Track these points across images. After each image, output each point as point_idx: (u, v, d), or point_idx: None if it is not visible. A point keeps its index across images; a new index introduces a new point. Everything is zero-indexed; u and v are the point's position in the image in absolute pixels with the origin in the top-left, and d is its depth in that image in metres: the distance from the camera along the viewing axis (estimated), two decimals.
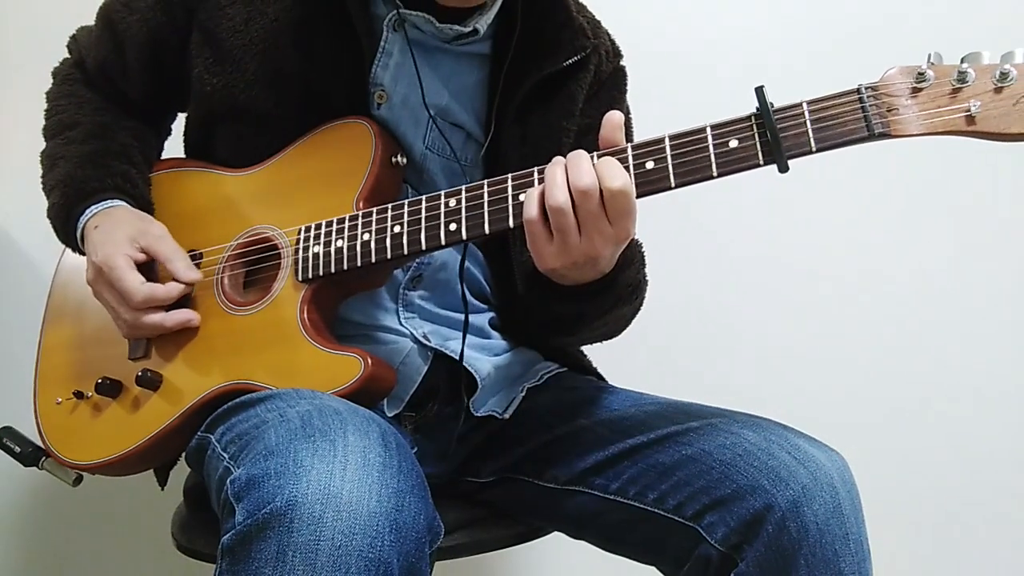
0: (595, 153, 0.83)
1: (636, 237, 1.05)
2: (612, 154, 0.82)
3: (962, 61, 0.75)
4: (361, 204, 0.94)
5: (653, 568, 0.96)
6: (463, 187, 0.88)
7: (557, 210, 0.80)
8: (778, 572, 0.81)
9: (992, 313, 1.62)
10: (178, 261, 0.97)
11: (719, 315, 1.64)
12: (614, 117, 0.84)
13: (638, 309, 1.04)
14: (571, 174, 0.80)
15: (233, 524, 0.68)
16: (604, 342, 1.10)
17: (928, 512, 1.64)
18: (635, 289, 0.99)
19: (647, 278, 1.03)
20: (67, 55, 1.16)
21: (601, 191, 0.79)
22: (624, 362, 1.04)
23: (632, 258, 0.96)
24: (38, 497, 1.61)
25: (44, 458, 1.03)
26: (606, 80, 1.08)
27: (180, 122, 1.14)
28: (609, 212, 0.80)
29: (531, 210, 0.81)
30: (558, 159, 0.83)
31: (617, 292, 0.93)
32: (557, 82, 1.02)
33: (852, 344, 1.64)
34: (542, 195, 0.81)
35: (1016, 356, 1.62)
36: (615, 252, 0.85)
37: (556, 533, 1.05)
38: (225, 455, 0.80)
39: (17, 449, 1.04)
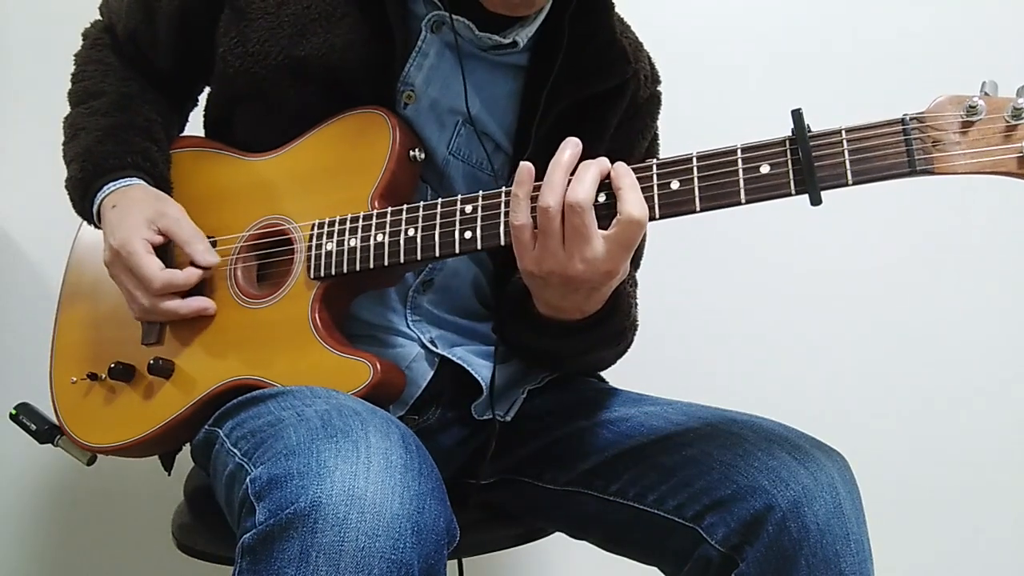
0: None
1: (633, 275, 1.04)
2: (637, 171, 0.78)
3: (1018, 94, 0.67)
4: (376, 200, 0.92)
5: (654, 568, 0.96)
6: (480, 193, 0.86)
7: (543, 210, 0.77)
8: (779, 573, 0.81)
9: (993, 315, 1.64)
10: (197, 243, 0.96)
11: (719, 316, 1.64)
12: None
13: (623, 352, 1.02)
14: (572, 182, 0.78)
15: (254, 523, 0.67)
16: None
17: (929, 512, 1.64)
18: (618, 335, 0.96)
19: (637, 322, 1.01)
20: (98, 17, 1.14)
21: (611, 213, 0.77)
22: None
23: (619, 306, 0.91)
24: (37, 496, 1.59)
25: (59, 436, 1.04)
26: (641, 106, 1.06)
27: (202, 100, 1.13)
28: (614, 239, 0.77)
29: (519, 214, 0.79)
30: (560, 162, 0.79)
31: (597, 337, 0.91)
32: (592, 105, 0.99)
33: (853, 345, 1.64)
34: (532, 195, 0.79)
35: (1017, 357, 1.64)
36: (600, 289, 0.82)
37: (558, 533, 1.05)
38: (236, 451, 0.79)
39: (33, 426, 1.05)
